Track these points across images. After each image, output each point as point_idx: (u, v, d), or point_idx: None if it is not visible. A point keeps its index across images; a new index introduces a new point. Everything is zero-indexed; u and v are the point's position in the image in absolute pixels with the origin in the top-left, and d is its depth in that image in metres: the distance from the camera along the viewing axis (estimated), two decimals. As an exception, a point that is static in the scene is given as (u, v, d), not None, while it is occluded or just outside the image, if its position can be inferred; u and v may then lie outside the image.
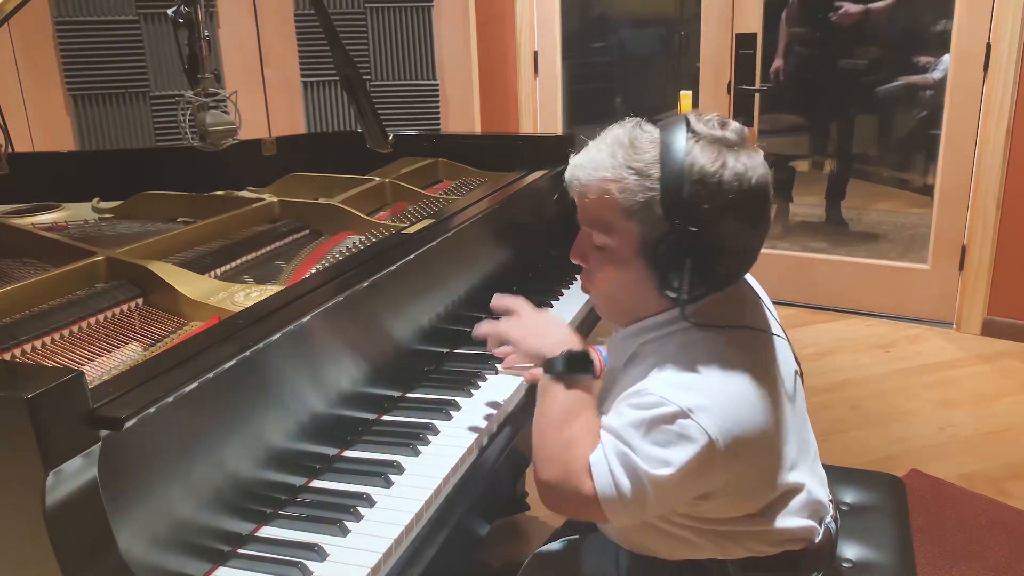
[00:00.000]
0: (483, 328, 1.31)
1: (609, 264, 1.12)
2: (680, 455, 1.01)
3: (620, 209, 1.08)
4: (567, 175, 1.14)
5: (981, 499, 2.36)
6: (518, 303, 1.30)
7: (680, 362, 1.06)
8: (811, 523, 1.16)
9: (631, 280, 1.11)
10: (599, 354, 1.49)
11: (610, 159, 1.08)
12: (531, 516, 2.24)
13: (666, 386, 1.04)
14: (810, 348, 3.42)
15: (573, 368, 1.15)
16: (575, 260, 1.18)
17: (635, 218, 1.07)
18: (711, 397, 1.03)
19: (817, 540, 1.17)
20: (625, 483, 1.04)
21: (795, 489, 1.15)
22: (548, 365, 1.17)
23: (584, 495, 1.07)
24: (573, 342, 1.19)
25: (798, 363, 1.22)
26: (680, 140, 1.05)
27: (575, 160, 1.14)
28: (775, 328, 1.19)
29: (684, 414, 1.01)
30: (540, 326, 1.24)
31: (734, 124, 1.10)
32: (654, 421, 1.02)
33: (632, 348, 1.16)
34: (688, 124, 1.07)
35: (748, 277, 1.24)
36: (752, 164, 1.05)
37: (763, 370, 1.09)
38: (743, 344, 1.10)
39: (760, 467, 1.10)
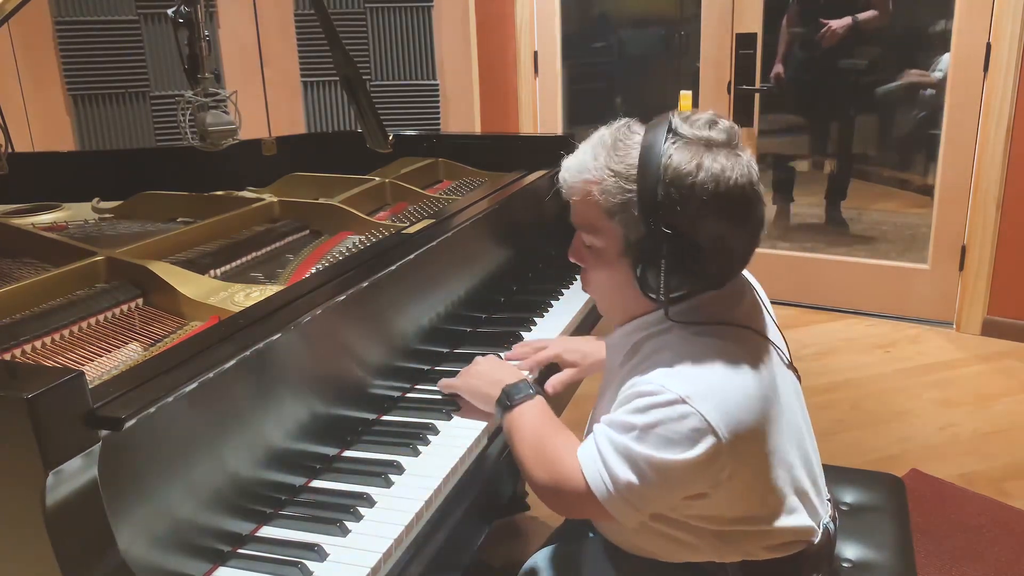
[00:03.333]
0: (441, 383, 1.42)
1: (599, 264, 1.15)
2: (683, 441, 1.02)
3: (601, 210, 1.10)
4: (559, 176, 1.16)
5: (981, 499, 2.36)
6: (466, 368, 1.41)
7: (676, 354, 1.07)
8: (810, 524, 1.16)
9: (619, 279, 1.13)
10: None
11: (592, 160, 1.10)
12: (531, 516, 2.24)
13: (662, 376, 1.05)
14: (810, 348, 3.42)
15: (515, 396, 1.25)
16: (572, 259, 1.21)
17: (616, 219, 1.09)
18: (708, 386, 1.03)
19: (816, 541, 1.17)
20: (621, 473, 1.05)
21: (795, 490, 1.14)
22: (498, 404, 1.28)
23: (577, 491, 1.10)
24: (507, 376, 1.32)
25: (795, 368, 1.22)
26: (659, 141, 1.05)
27: (565, 162, 1.16)
28: (771, 330, 1.19)
29: (682, 400, 1.02)
30: (480, 374, 1.36)
31: (724, 123, 1.09)
32: (651, 409, 1.03)
33: (628, 345, 1.17)
34: (670, 124, 1.07)
35: (751, 278, 1.23)
36: (731, 164, 1.04)
37: (756, 366, 1.09)
38: (736, 340, 1.10)
39: (758, 462, 1.09)
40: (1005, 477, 2.49)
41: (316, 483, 1.17)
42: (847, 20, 3.88)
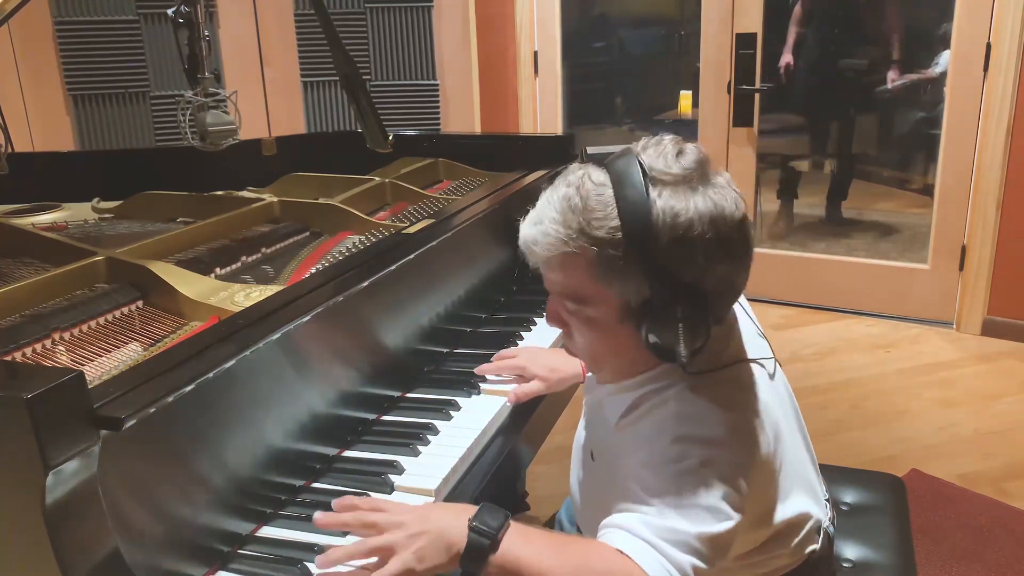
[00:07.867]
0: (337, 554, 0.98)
1: (590, 330, 1.03)
2: (720, 509, 0.94)
3: (591, 280, 0.97)
4: (521, 243, 1.03)
5: (981, 499, 2.36)
6: (370, 502, 1.04)
7: (684, 415, 0.99)
8: (808, 538, 1.15)
9: (618, 345, 1.02)
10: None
11: (564, 229, 0.96)
12: (531, 516, 2.24)
13: (678, 441, 0.97)
14: (810, 348, 3.42)
15: (493, 525, 0.95)
16: (552, 326, 1.09)
17: (612, 288, 0.96)
18: (723, 443, 0.97)
19: (814, 549, 1.17)
20: (681, 558, 0.92)
21: (796, 516, 1.13)
22: (469, 554, 0.93)
23: None
24: (465, 509, 0.98)
25: (776, 360, 1.16)
26: (639, 192, 0.93)
27: (525, 229, 1.02)
28: (759, 344, 1.13)
29: (706, 463, 0.95)
30: (417, 518, 0.97)
31: (690, 149, 0.98)
32: (680, 480, 0.94)
33: (628, 402, 1.08)
34: (642, 167, 0.94)
35: None
36: (721, 197, 0.95)
37: (758, 401, 1.05)
38: (737, 380, 1.04)
39: (767, 502, 1.07)
40: (1005, 477, 2.49)
41: (316, 483, 1.17)
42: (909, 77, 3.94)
